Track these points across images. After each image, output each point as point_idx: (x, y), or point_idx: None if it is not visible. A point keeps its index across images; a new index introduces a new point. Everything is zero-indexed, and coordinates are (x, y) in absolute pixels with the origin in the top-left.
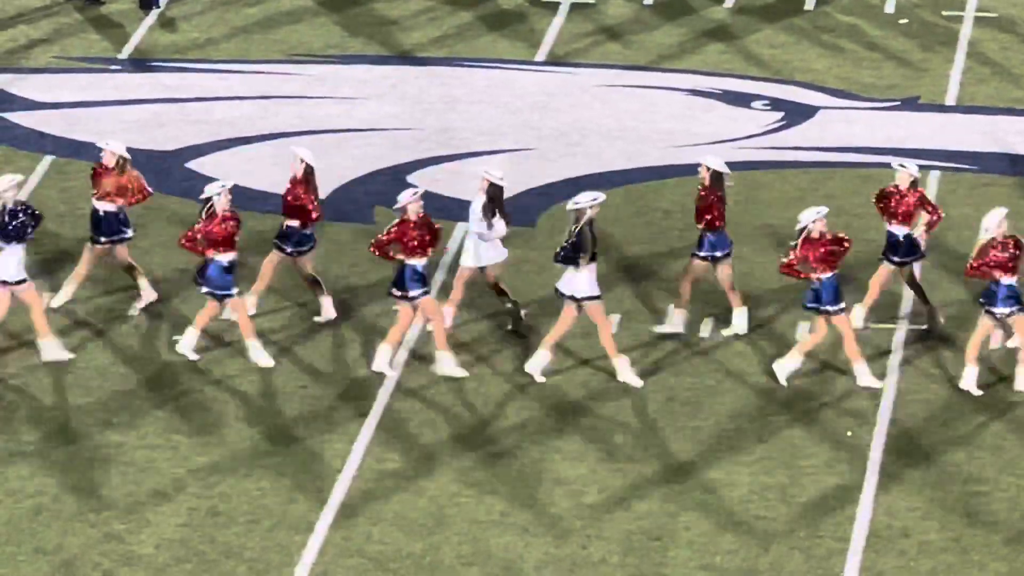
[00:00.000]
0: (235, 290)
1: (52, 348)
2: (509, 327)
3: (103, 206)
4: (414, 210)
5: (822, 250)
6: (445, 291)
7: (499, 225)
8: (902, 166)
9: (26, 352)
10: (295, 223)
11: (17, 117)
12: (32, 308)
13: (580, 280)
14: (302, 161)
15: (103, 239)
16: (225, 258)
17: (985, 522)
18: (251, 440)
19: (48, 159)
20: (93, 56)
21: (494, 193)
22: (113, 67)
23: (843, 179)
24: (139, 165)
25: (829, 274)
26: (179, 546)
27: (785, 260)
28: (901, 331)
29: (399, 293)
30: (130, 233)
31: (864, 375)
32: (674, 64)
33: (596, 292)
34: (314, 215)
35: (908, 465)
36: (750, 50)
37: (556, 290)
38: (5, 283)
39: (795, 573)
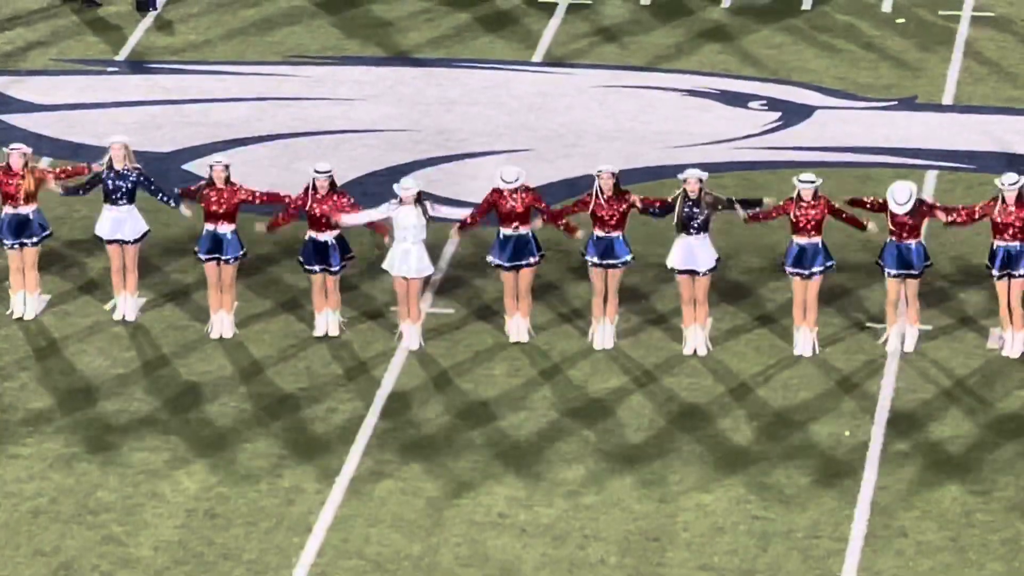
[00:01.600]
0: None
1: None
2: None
3: (25, 209)
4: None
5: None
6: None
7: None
8: (801, 181)
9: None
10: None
11: (15, 119)
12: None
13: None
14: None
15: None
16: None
17: (983, 522)
18: (248, 441)
19: (46, 161)
20: (90, 58)
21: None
22: (110, 69)
23: (840, 179)
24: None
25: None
26: (177, 548)
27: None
28: (899, 330)
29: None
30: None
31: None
32: (671, 65)
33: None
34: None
35: (906, 465)
36: (747, 50)
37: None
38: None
39: (793, 573)
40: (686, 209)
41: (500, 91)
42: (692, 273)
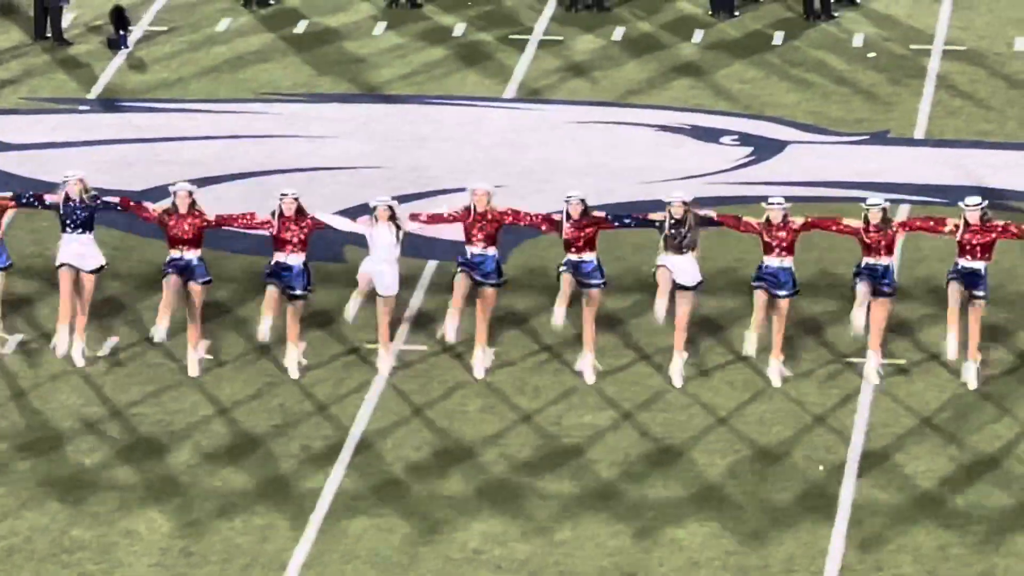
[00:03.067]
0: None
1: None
2: None
3: None
4: None
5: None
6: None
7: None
8: (771, 204)
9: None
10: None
11: None
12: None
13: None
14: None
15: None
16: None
17: (958, 555)
18: (223, 479)
19: None
20: (62, 97)
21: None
22: (82, 107)
23: (813, 214)
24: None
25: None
26: None
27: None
28: (871, 363)
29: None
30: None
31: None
32: (643, 100)
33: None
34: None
35: (881, 499)
36: (719, 85)
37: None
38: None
39: None
40: (671, 230)
41: (472, 127)
42: (679, 288)
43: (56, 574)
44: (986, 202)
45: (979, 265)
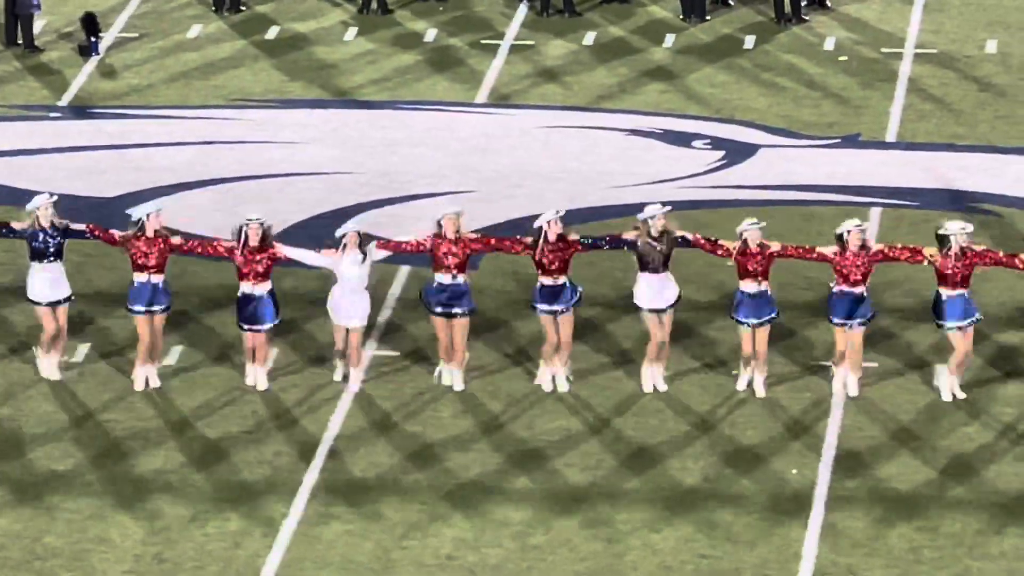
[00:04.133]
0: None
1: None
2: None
3: None
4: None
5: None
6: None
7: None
8: (751, 225)
9: None
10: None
11: None
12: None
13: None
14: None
15: None
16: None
17: (930, 559)
18: (195, 485)
19: None
20: (33, 104)
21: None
22: (53, 114)
23: (785, 217)
24: (80, 212)
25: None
26: None
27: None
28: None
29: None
30: None
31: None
32: (614, 104)
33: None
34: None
35: (853, 503)
36: (690, 89)
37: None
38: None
39: None
40: (648, 245)
41: (444, 132)
42: (659, 312)
43: None
44: (970, 227)
45: (958, 293)
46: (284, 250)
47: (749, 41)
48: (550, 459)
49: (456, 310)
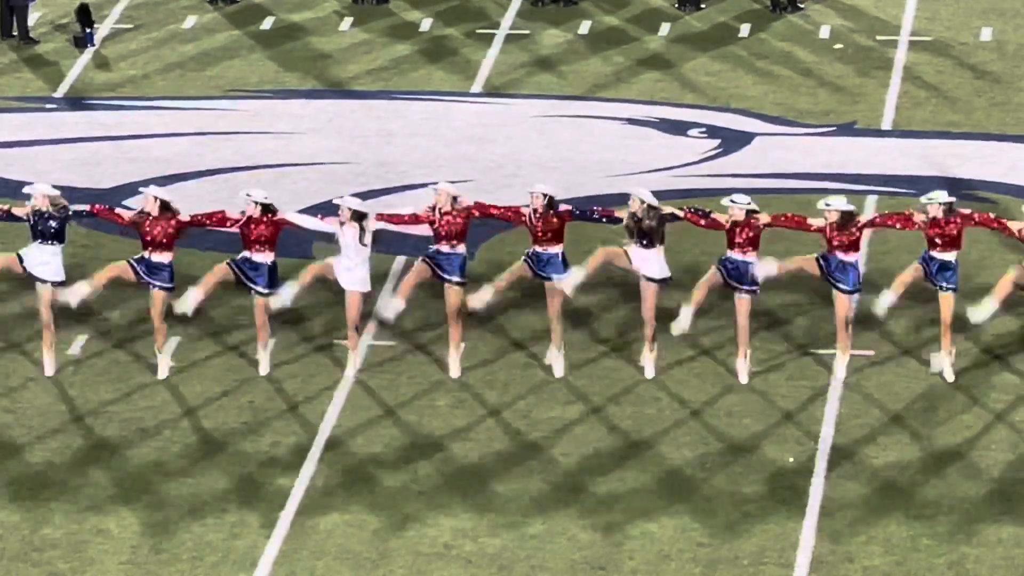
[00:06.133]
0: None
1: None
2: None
3: None
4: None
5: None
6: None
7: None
8: (733, 202)
9: None
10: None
11: None
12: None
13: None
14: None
15: None
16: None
17: (928, 546)
18: (193, 476)
19: None
20: (29, 95)
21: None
22: (49, 106)
23: (781, 206)
24: (77, 203)
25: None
26: None
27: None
28: (841, 355)
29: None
30: None
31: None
32: (610, 93)
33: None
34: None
35: (851, 490)
36: (686, 78)
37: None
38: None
39: None
40: (633, 222)
41: (439, 122)
42: (646, 278)
43: (26, 573)
44: (953, 199)
45: (949, 256)
46: (287, 216)
47: (744, 29)
48: (547, 449)
49: (443, 275)
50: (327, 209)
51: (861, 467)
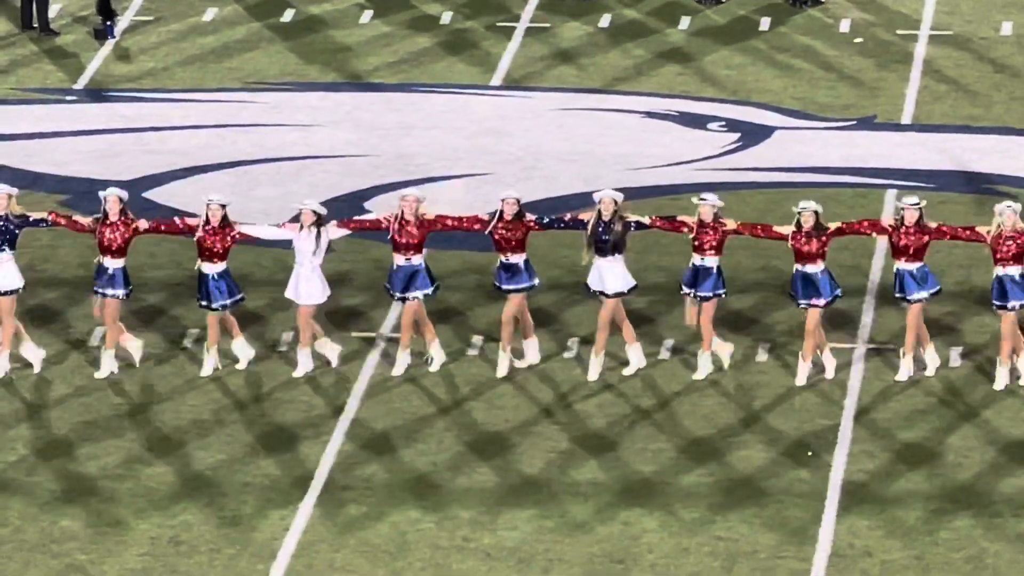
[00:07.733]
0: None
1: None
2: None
3: None
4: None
5: None
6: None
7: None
8: (702, 199)
9: None
10: None
11: None
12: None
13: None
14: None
15: None
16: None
17: (946, 540)
18: (211, 469)
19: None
20: (49, 87)
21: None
22: (69, 98)
23: (800, 200)
24: (94, 196)
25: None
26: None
27: None
28: (860, 350)
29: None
30: None
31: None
32: (629, 87)
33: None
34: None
35: (870, 485)
36: (705, 71)
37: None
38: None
39: None
40: (599, 229)
41: (459, 115)
42: (602, 295)
43: (46, 564)
44: (923, 202)
45: (913, 266)
46: (244, 229)
47: (765, 23)
48: (565, 441)
49: (410, 294)
50: (347, 201)
51: (881, 461)
